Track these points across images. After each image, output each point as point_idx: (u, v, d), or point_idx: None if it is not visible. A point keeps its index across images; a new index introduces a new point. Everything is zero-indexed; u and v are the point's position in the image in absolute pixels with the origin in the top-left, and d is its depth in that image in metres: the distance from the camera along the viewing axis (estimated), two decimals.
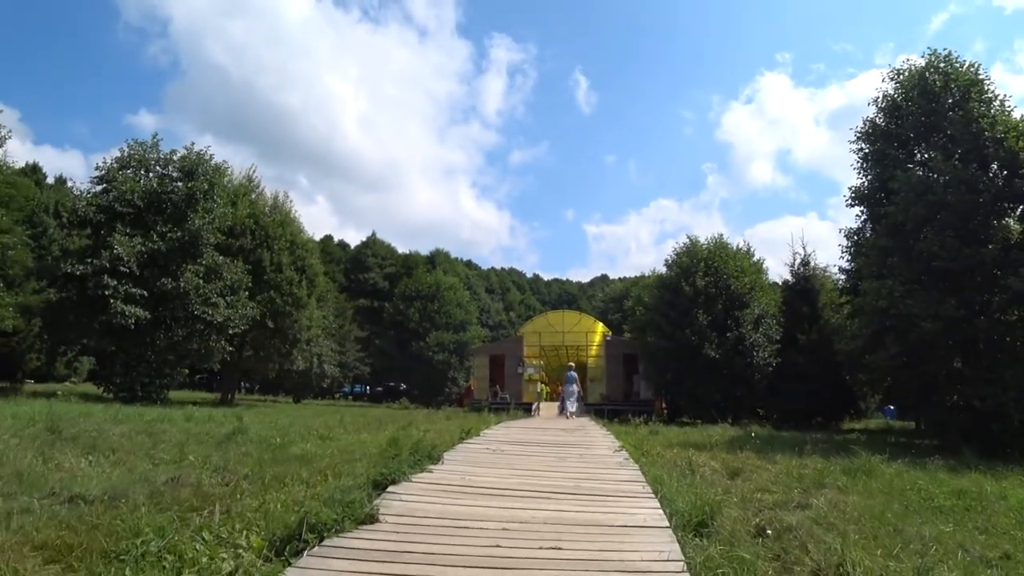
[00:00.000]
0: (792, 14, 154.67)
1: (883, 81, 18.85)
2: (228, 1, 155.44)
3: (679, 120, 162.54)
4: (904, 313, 13.90)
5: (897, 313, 14.05)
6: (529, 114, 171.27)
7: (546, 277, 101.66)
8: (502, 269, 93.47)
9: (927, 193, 14.61)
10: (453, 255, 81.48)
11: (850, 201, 19.58)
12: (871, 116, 19.19)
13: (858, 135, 19.20)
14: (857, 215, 19.58)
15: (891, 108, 18.54)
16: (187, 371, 25.81)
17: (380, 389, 53.84)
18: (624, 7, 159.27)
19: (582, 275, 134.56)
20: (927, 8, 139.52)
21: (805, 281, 29.15)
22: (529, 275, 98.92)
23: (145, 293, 20.82)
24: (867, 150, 18.92)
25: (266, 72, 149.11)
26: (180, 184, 22.69)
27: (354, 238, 70.72)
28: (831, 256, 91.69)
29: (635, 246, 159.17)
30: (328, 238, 68.63)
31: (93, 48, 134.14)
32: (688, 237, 29.21)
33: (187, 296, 21.62)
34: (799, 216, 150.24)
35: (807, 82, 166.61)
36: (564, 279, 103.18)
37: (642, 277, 44.26)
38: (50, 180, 48.03)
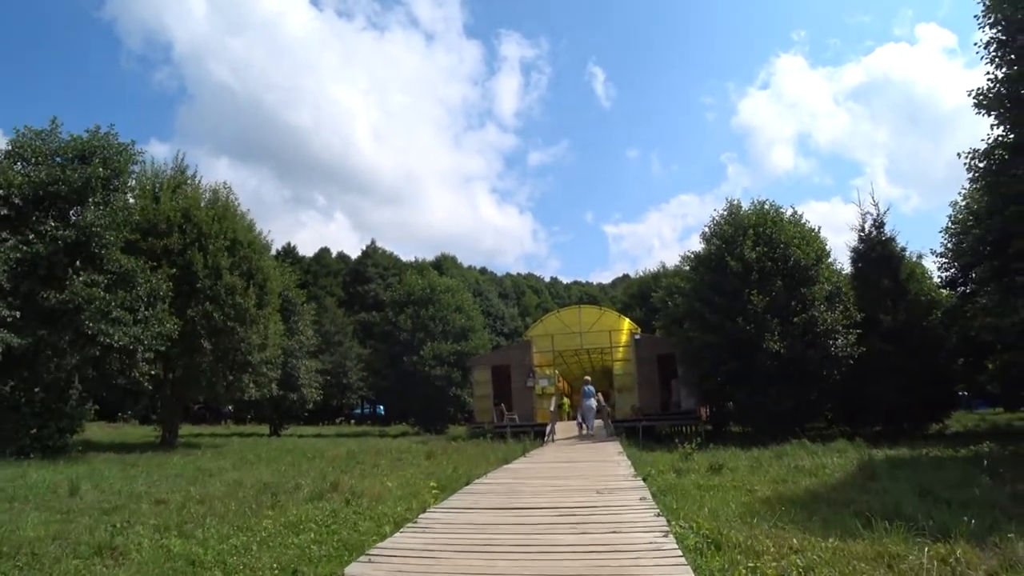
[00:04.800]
0: None
1: None
2: (228, 20, 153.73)
3: (699, 107, 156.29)
4: None
5: None
6: (547, 112, 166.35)
7: (565, 280, 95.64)
8: (518, 274, 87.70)
9: None
10: (473, 265, 76.30)
11: (979, 106, 13.36)
12: None
13: (985, 6, 13.10)
14: (993, 125, 13.30)
15: None
16: (96, 407, 20.42)
17: (384, 411, 48.38)
18: None
19: (604, 277, 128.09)
20: None
21: (882, 247, 22.72)
22: (547, 278, 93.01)
23: (17, 314, 15.61)
24: (1004, 21, 12.77)
25: (274, 89, 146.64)
26: (72, 172, 17.43)
27: None
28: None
29: (658, 243, 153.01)
30: (325, 250, 63.85)
31: (99, 80, 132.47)
32: (728, 200, 23.21)
33: (80, 311, 16.34)
34: (823, 201, 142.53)
35: (823, 60, 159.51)
36: (584, 281, 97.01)
37: (667, 271, 38.16)
38: None
